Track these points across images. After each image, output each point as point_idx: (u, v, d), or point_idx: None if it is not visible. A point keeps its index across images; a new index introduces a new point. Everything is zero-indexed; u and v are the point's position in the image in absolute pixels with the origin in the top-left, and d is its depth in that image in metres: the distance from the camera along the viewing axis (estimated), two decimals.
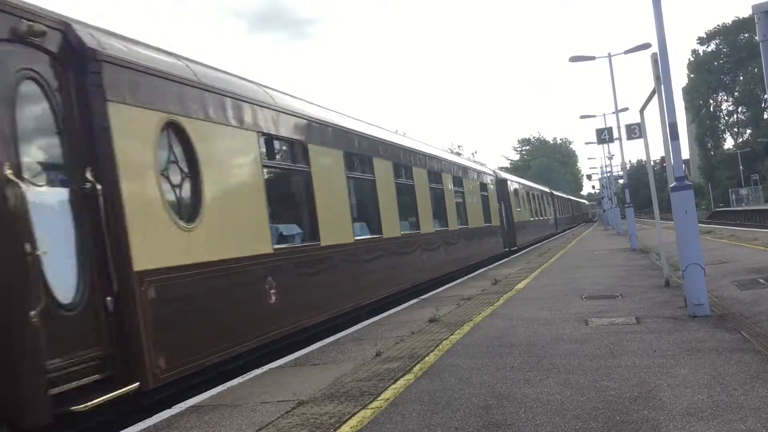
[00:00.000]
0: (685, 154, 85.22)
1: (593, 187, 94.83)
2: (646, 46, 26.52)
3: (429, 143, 18.23)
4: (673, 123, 7.87)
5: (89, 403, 4.78)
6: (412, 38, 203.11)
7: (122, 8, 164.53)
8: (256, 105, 8.02)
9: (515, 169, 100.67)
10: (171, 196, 6.22)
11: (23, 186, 4.64)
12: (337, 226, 9.67)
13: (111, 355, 5.26)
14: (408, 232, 13.29)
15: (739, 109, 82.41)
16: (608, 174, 48.50)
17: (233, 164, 7.40)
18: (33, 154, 5.06)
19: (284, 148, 8.85)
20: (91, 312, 5.17)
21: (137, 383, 5.33)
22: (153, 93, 6.04)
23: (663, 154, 8.61)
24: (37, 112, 5.12)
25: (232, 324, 6.75)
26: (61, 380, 4.75)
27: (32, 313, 4.47)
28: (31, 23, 4.95)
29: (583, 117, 39.64)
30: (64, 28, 5.36)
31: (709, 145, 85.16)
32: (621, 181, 39.40)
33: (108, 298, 5.29)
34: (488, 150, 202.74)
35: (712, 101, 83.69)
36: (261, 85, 8.81)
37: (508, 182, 27.16)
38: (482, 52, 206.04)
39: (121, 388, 5.16)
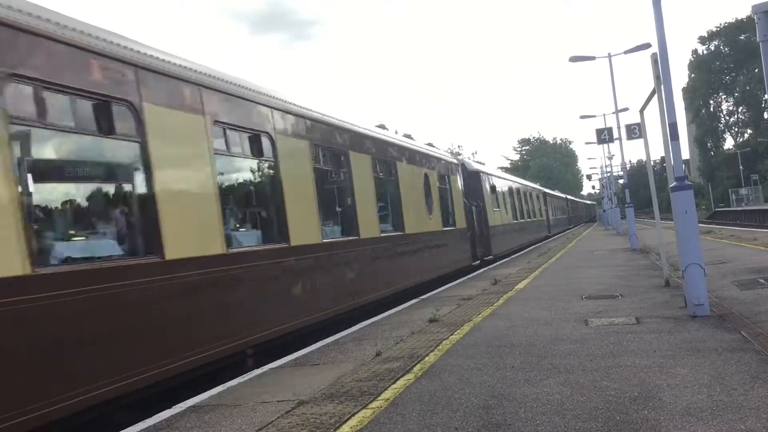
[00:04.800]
0: (685, 154, 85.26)
1: (593, 187, 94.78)
2: (646, 46, 26.52)
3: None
4: (673, 123, 7.87)
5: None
6: (413, 38, 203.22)
7: (122, 8, 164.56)
8: None
9: (515, 169, 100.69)
10: None
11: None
12: None
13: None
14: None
15: (739, 109, 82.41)
16: (608, 174, 48.50)
17: None
18: None
19: None
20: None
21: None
22: None
23: (663, 154, 8.60)
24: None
25: None
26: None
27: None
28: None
29: (583, 117, 39.65)
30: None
31: (709, 145, 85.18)
32: (621, 181, 39.41)
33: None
34: (488, 150, 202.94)
35: (712, 101, 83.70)
36: None
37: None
38: (482, 52, 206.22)
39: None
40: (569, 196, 72.66)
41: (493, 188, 23.71)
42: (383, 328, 9.24)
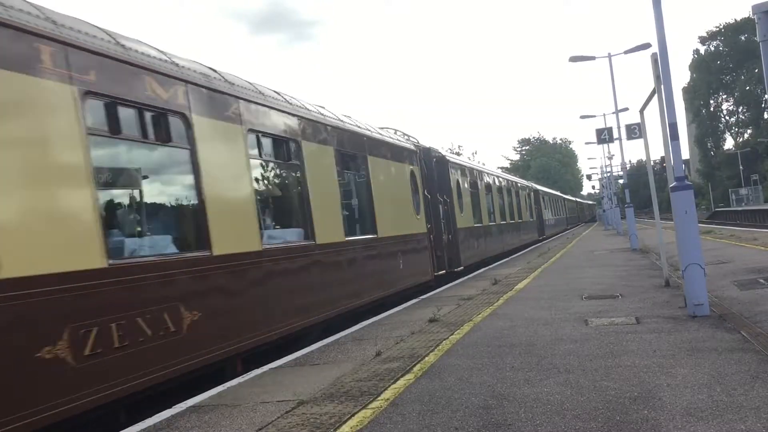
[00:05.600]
0: (685, 154, 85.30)
1: (593, 187, 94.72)
2: (646, 46, 26.54)
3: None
4: (673, 123, 7.87)
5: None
6: (413, 38, 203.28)
7: (122, 8, 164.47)
8: None
9: (515, 169, 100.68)
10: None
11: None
12: None
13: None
14: None
15: (739, 109, 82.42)
16: (608, 174, 48.50)
17: None
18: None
19: None
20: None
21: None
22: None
23: (663, 154, 8.60)
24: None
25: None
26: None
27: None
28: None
29: (583, 117, 39.65)
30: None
31: (709, 145, 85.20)
32: (621, 181, 39.40)
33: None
34: (488, 150, 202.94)
35: (712, 101, 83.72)
36: None
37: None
38: (482, 52, 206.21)
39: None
40: (576, 198, 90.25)
41: (543, 198, 40.11)
42: (383, 328, 9.24)
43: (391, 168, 13.05)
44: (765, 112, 78.42)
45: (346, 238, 10.28)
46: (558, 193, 56.87)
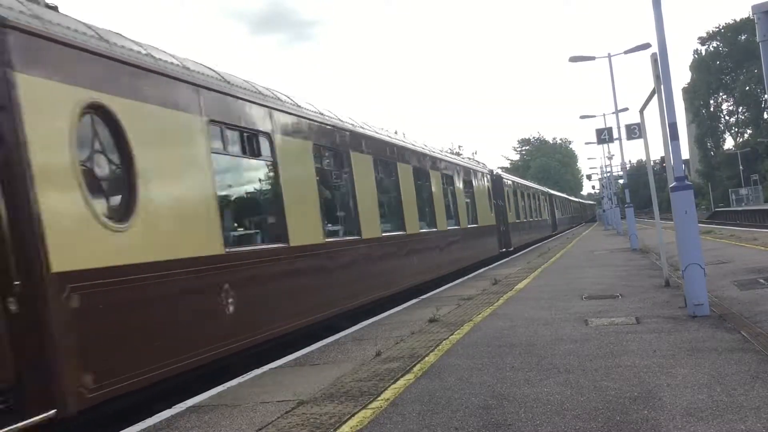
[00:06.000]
0: (685, 154, 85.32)
1: (593, 187, 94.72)
2: (646, 46, 26.53)
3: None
4: (673, 123, 7.87)
5: None
6: (413, 39, 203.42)
7: (122, 7, 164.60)
8: None
9: (515, 169, 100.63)
10: None
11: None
12: None
13: None
14: None
15: (739, 110, 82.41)
16: (608, 174, 48.49)
17: None
18: None
19: None
20: None
21: None
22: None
23: (663, 154, 8.60)
24: None
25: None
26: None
27: None
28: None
29: (583, 117, 39.66)
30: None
31: (709, 145, 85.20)
32: (621, 181, 39.44)
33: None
34: (488, 150, 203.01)
35: (712, 101, 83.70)
36: None
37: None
38: (482, 52, 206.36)
39: None
40: (579, 199, 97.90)
41: (555, 200, 49.56)
42: (383, 328, 9.24)
43: (480, 185, 21.80)
44: (765, 112, 78.40)
45: (468, 226, 18.70)
46: (565, 196, 67.72)
